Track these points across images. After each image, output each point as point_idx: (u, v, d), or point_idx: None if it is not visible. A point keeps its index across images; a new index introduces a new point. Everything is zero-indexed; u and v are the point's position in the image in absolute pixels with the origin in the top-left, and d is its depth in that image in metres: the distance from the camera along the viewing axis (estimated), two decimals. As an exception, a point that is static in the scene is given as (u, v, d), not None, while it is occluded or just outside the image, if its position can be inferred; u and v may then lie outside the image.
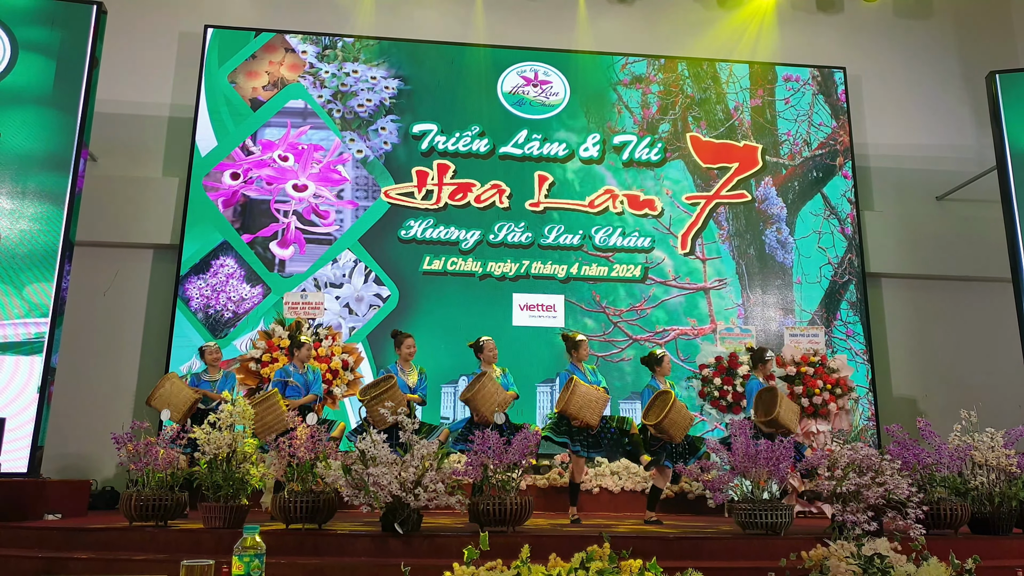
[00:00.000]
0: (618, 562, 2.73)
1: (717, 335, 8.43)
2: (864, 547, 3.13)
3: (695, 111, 9.44)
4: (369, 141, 8.89)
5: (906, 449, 5.15)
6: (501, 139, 9.05)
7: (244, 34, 8.98)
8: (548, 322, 8.58)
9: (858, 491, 4.58)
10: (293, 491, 4.83)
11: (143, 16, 9.03)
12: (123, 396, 8.08)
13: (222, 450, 5.04)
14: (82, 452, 7.75)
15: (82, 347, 7.95)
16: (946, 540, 4.73)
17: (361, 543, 4.60)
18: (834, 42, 9.98)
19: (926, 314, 9.23)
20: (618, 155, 9.16)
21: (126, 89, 8.76)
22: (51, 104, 6.99)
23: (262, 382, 7.18)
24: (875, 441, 8.22)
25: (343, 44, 9.15)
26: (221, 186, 8.54)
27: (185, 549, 4.46)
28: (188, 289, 8.22)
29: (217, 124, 8.70)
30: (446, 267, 8.61)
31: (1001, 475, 5.29)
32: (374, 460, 4.63)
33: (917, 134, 9.78)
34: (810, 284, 9.01)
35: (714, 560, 4.56)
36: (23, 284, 6.56)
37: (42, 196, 6.78)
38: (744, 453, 5.02)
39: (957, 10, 10.29)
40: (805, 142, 9.46)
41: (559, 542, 4.61)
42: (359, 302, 8.47)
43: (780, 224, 9.17)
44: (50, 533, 4.90)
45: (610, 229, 8.90)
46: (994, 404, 6.95)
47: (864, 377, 8.64)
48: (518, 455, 4.96)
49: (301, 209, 8.61)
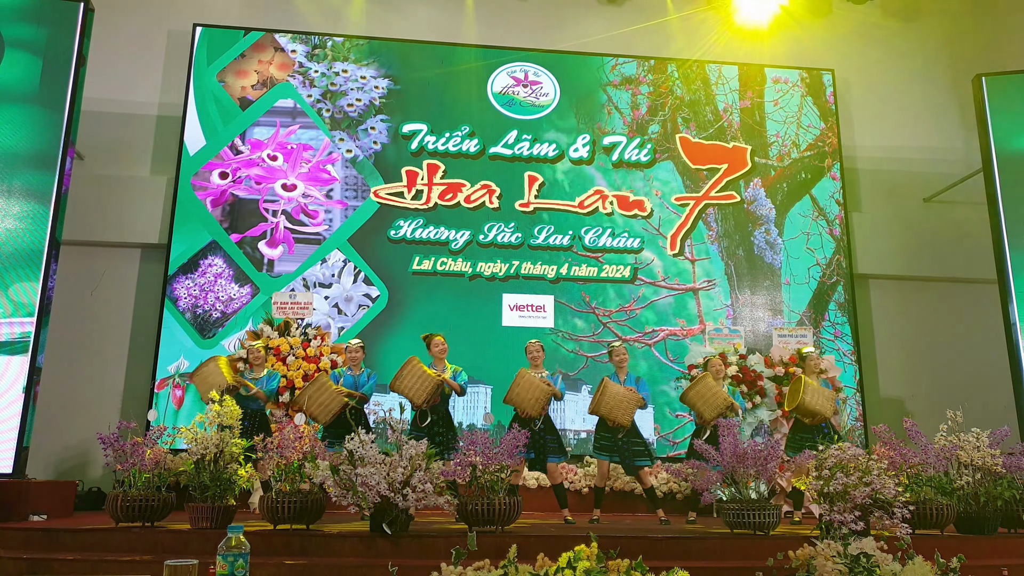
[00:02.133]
0: (605, 562, 2.73)
1: (706, 336, 8.46)
2: (850, 546, 3.14)
3: (684, 112, 9.46)
4: (359, 141, 8.87)
5: (893, 449, 5.18)
6: (491, 139, 9.05)
7: (233, 33, 8.94)
8: (538, 322, 8.58)
9: (845, 491, 4.60)
10: (281, 491, 4.82)
11: (131, 14, 8.98)
12: (110, 396, 8.02)
13: (209, 451, 5.02)
14: (68, 452, 7.69)
15: (69, 347, 7.89)
16: (932, 539, 4.77)
17: (349, 543, 4.59)
18: (823, 44, 10.03)
19: (913, 315, 9.29)
20: (608, 156, 9.17)
21: (114, 87, 8.70)
22: (37, 102, 6.94)
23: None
24: (863, 441, 8.26)
25: (333, 43, 9.13)
26: (209, 185, 8.50)
27: (172, 550, 4.44)
28: (176, 289, 8.17)
29: (206, 123, 8.66)
30: (436, 267, 8.60)
31: (986, 475, 5.34)
32: (362, 460, 4.62)
33: (905, 136, 9.84)
34: (798, 285, 9.04)
35: (702, 560, 4.58)
36: (9, 283, 6.51)
37: (28, 195, 6.73)
38: (732, 453, 5.04)
39: (945, 13, 10.36)
40: (794, 144, 9.50)
41: (548, 542, 4.61)
42: (348, 302, 8.44)
43: (769, 225, 9.20)
44: (35, 534, 4.87)
45: (600, 230, 8.91)
46: (980, 404, 7.01)
47: (852, 377, 8.68)
48: (506, 455, 4.97)
49: (290, 209, 8.58)
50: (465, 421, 8.09)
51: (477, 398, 8.20)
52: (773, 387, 7.84)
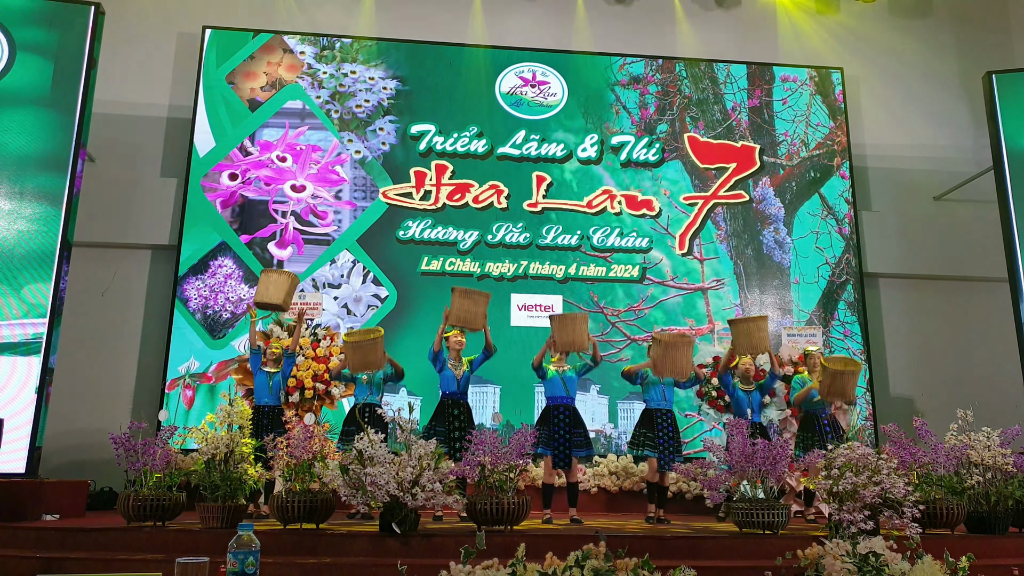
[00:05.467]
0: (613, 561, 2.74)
1: (715, 335, 8.45)
2: (859, 546, 3.14)
3: (693, 111, 9.45)
4: (367, 142, 8.90)
5: (903, 448, 5.16)
6: (499, 139, 9.06)
7: (242, 35, 8.98)
8: (546, 323, 8.54)
9: (854, 490, 4.59)
10: (291, 491, 4.85)
11: (141, 17, 9.03)
12: (121, 397, 8.07)
13: (220, 451, 5.05)
14: (80, 453, 7.74)
15: (80, 348, 7.94)
16: (942, 539, 4.75)
17: (359, 543, 4.61)
18: (831, 42, 9.99)
19: (923, 314, 9.24)
20: (616, 155, 9.17)
21: (124, 90, 8.75)
22: (49, 105, 7.00)
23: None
24: (872, 441, 8.23)
25: (341, 45, 9.16)
26: (219, 187, 8.54)
27: (183, 549, 4.47)
28: (186, 290, 8.22)
29: (215, 125, 8.70)
30: (444, 267, 8.62)
31: (997, 474, 5.32)
32: (371, 460, 4.64)
33: (914, 134, 9.79)
34: (808, 284, 9.02)
35: (711, 559, 4.57)
36: (21, 285, 6.56)
37: (40, 197, 6.79)
38: (741, 453, 5.04)
39: (954, 10, 10.30)
40: (803, 142, 9.47)
41: (556, 542, 4.61)
42: (357, 303, 8.47)
43: (778, 224, 9.18)
44: (48, 533, 4.91)
45: (608, 229, 8.91)
46: (991, 404, 6.97)
47: (861, 377, 8.64)
48: (515, 455, 4.98)
49: (299, 210, 8.62)
50: (474, 420, 8.09)
51: (486, 398, 8.21)
52: (782, 386, 7.81)
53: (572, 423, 5.99)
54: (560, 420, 5.94)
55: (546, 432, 5.93)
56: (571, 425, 5.97)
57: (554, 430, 5.91)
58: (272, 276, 6.22)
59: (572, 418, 6.00)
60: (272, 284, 6.15)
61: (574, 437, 5.95)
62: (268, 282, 6.17)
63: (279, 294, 6.12)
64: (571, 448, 5.93)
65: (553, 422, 5.94)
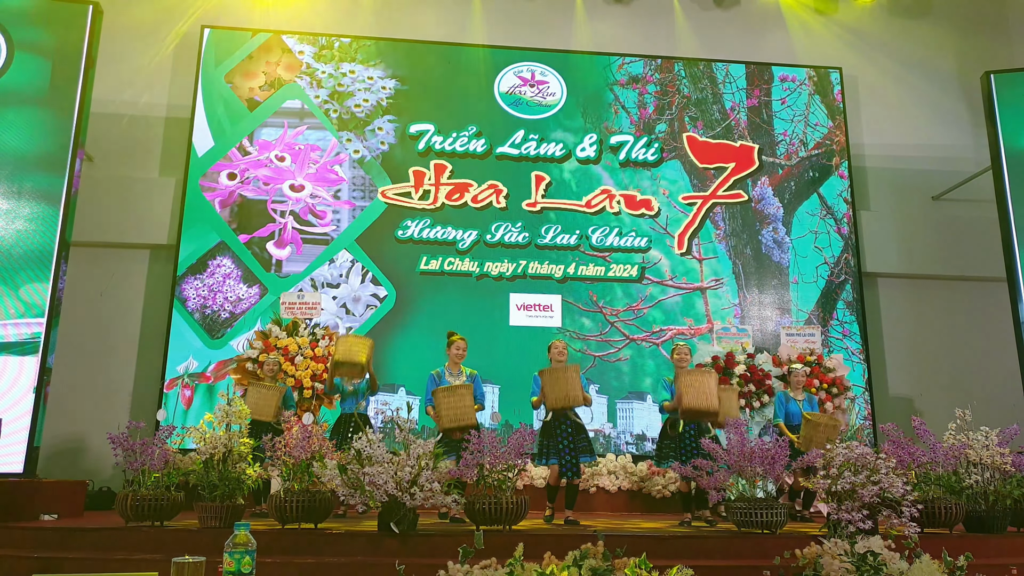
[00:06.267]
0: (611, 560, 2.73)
1: (714, 335, 8.44)
2: (857, 545, 3.14)
3: (691, 111, 9.45)
4: (366, 141, 8.89)
5: (901, 448, 5.17)
6: (498, 139, 9.06)
7: (241, 34, 8.98)
8: (545, 322, 8.58)
9: (853, 489, 4.59)
10: (289, 490, 4.84)
11: (139, 16, 9.02)
12: (119, 396, 8.06)
13: (218, 450, 5.04)
14: (78, 452, 7.74)
15: (79, 347, 7.94)
16: (940, 538, 4.75)
17: (357, 542, 4.61)
18: (830, 42, 10.00)
19: (922, 314, 9.25)
20: (615, 155, 9.17)
21: (122, 89, 8.75)
22: (47, 104, 6.99)
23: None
24: (871, 440, 8.23)
25: (340, 44, 9.15)
26: (218, 186, 8.54)
27: (181, 549, 4.45)
28: (185, 289, 8.21)
29: (214, 124, 8.69)
30: (443, 267, 8.62)
31: (996, 474, 5.32)
32: (370, 459, 4.64)
33: (913, 134, 9.80)
34: (806, 284, 9.02)
35: (709, 559, 4.57)
36: (19, 284, 6.55)
37: (38, 196, 6.77)
38: (739, 452, 5.03)
39: (953, 10, 10.30)
40: (801, 142, 9.47)
41: (555, 541, 4.61)
42: (356, 302, 8.47)
43: (776, 224, 9.18)
44: (46, 533, 4.90)
45: (607, 229, 8.91)
46: (989, 403, 6.98)
47: (860, 376, 8.66)
48: (514, 455, 4.97)
49: (298, 209, 8.61)
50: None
51: (484, 398, 8.19)
52: (781, 386, 7.81)
53: (575, 431, 5.96)
54: (563, 430, 5.91)
55: (550, 443, 5.91)
56: (575, 433, 5.94)
57: (559, 440, 5.89)
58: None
59: (575, 427, 5.99)
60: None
61: (579, 444, 5.92)
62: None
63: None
64: (578, 455, 5.88)
65: (556, 433, 5.91)
